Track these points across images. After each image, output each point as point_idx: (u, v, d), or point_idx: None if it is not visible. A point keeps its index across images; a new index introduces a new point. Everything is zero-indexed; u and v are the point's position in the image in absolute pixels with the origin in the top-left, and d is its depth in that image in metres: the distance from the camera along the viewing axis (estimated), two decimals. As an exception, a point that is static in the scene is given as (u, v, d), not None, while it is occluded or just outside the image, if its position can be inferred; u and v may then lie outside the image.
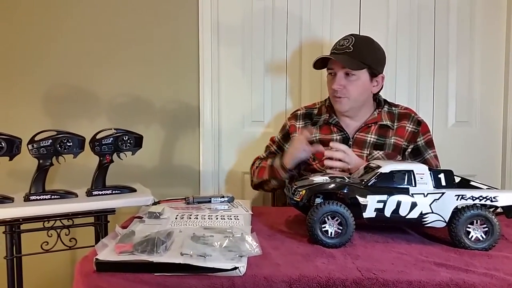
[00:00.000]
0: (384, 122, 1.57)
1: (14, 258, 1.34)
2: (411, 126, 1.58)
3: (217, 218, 1.19)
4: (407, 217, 1.03)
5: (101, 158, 1.41)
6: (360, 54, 1.50)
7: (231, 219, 1.19)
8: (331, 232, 1.02)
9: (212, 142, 2.02)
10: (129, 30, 1.98)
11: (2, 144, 1.25)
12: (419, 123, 1.59)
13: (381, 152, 1.55)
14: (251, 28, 2.01)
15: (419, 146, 1.57)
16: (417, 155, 1.57)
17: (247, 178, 2.06)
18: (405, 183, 1.04)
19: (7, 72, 1.97)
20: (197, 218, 1.18)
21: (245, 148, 2.05)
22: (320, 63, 1.57)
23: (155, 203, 1.35)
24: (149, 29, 1.99)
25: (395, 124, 1.58)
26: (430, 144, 1.59)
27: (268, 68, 2.03)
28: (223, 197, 1.38)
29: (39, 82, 1.98)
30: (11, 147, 1.27)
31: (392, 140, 1.56)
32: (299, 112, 1.71)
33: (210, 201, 1.36)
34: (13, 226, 1.30)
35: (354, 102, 1.54)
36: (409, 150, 1.57)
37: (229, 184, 2.07)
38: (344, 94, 1.52)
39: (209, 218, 1.19)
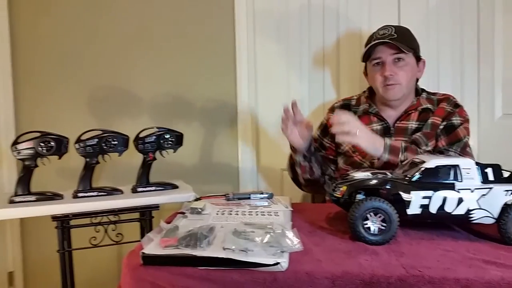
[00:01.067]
0: (424, 106, 1.54)
1: (65, 252, 1.40)
2: (449, 107, 1.53)
3: (257, 214, 1.20)
4: (453, 213, 1.00)
5: (145, 156, 1.45)
6: (405, 39, 1.49)
7: (271, 215, 1.19)
8: (374, 229, 1.00)
9: (251, 139, 2.03)
10: (168, 31, 2.03)
11: (51, 144, 1.31)
12: (457, 105, 1.54)
13: (419, 133, 1.51)
14: (287, 24, 2.00)
15: (453, 124, 1.50)
16: (449, 131, 1.50)
17: (285, 175, 2.05)
18: (451, 178, 1.01)
19: (55, 75, 2.06)
20: (237, 214, 1.19)
21: (283, 144, 2.04)
22: (362, 56, 1.55)
23: (196, 199, 1.37)
24: (187, 29, 2.02)
25: (435, 107, 1.55)
26: (466, 128, 1.51)
27: (305, 63, 2.01)
28: (262, 193, 1.38)
29: (85, 84, 2.06)
30: (59, 146, 1.33)
31: (431, 120, 1.52)
32: (336, 104, 1.71)
33: (249, 198, 1.37)
34: (64, 222, 1.36)
35: (405, 88, 1.52)
36: (441, 127, 1.50)
37: (268, 181, 2.07)
38: (396, 80, 1.50)
39: (249, 214, 1.19)
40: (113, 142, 1.39)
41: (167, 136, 1.46)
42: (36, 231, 2.08)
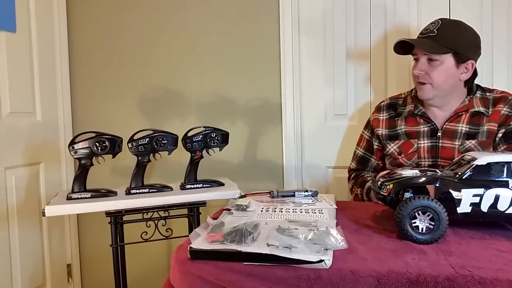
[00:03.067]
0: (476, 109, 1.45)
1: (118, 246, 1.47)
2: (506, 109, 1.43)
3: (301, 212, 1.20)
4: (506, 212, 0.95)
5: (192, 154, 1.49)
6: (444, 38, 1.40)
7: (315, 213, 1.19)
8: (422, 228, 0.97)
9: (295, 137, 2.03)
10: (214, 33, 2.07)
11: (106, 144, 1.38)
12: None
13: (474, 141, 1.43)
14: (332, 20, 1.98)
15: None
16: (509, 139, 1.42)
17: (330, 173, 2.04)
18: (504, 175, 0.97)
19: (109, 78, 2.17)
20: (281, 211, 1.20)
21: (328, 142, 2.03)
22: (406, 49, 1.50)
23: (241, 196, 1.39)
24: (231, 29, 2.05)
25: (490, 109, 1.45)
26: None
27: (351, 60, 1.98)
28: (307, 191, 1.38)
29: (136, 85, 2.15)
30: (113, 146, 1.39)
31: (486, 127, 1.43)
32: (383, 103, 1.66)
33: (294, 195, 1.37)
34: (117, 217, 1.42)
35: (438, 89, 1.44)
36: (500, 134, 1.42)
37: (313, 179, 2.07)
38: (427, 80, 1.43)
39: (293, 212, 1.20)
40: (163, 141, 1.44)
41: (214, 135, 1.49)
42: (91, 226, 2.21)
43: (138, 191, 1.44)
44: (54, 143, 2.11)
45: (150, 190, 1.45)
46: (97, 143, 1.37)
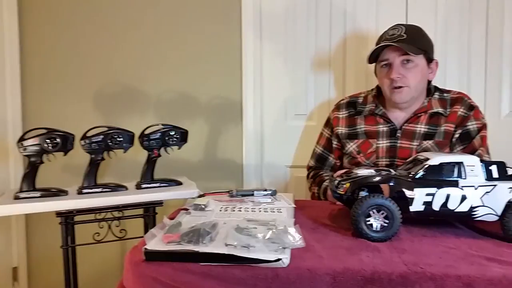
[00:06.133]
0: (435, 110, 1.50)
1: (69, 248, 1.41)
2: (462, 110, 1.49)
3: (260, 211, 1.20)
4: (456, 210, 0.99)
5: (150, 153, 1.46)
6: (414, 40, 1.44)
7: (274, 211, 1.19)
8: (377, 226, 1.00)
9: (255, 136, 2.04)
10: (173, 27, 2.03)
11: (57, 140, 1.32)
12: (472, 107, 1.50)
13: (431, 142, 1.48)
14: (294, 21, 2.00)
15: (469, 131, 1.47)
16: (464, 140, 1.48)
17: (290, 172, 2.06)
18: (455, 175, 1.00)
19: (61, 72, 2.07)
20: (240, 211, 1.20)
21: (288, 141, 2.05)
22: (369, 57, 1.50)
23: (200, 196, 1.38)
24: (193, 26, 2.02)
25: (448, 110, 1.50)
26: (482, 136, 1.48)
27: (311, 61, 2.01)
28: (266, 190, 1.38)
29: (91, 81, 2.07)
30: (65, 142, 1.33)
31: (443, 128, 1.48)
32: (342, 101, 1.67)
33: (253, 194, 1.37)
34: (68, 218, 1.37)
35: (414, 91, 1.47)
36: (457, 135, 1.48)
37: (272, 178, 2.07)
38: (404, 83, 1.45)
39: (252, 211, 1.20)
40: (118, 139, 1.40)
41: (172, 133, 1.47)
42: (40, 227, 2.10)
43: (90, 190, 1.39)
44: (1, 140, 1.99)
45: (104, 190, 1.40)
46: (47, 140, 1.31)
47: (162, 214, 1.28)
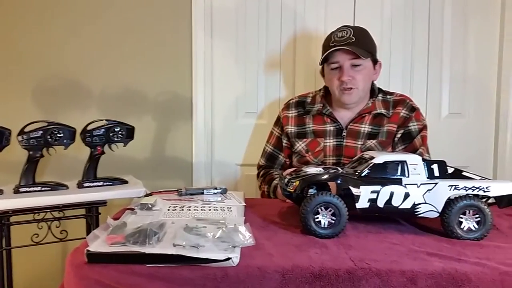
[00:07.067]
0: (378, 111, 1.55)
1: (4, 251, 1.33)
2: (404, 111, 1.56)
3: (210, 210, 1.18)
4: (400, 207, 1.03)
5: (92, 150, 1.40)
6: (363, 43, 1.49)
7: (224, 210, 1.18)
8: (324, 223, 1.02)
9: (205, 134, 2.01)
10: (121, 20, 1.96)
11: (-10, 136, 1.23)
12: (413, 109, 1.57)
13: (374, 141, 1.53)
14: (245, 19, 2.00)
15: (411, 131, 1.54)
16: (406, 139, 1.55)
17: (240, 170, 2.06)
18: (399, 173, 1.04)
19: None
20: (189, 210, 1.18)
21: (238, 139, 2.04)
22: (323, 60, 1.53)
23: (147, 195, 1.34)
24: (141, 19, 1.96)
25: (390, 111, 1.56)
26: (423, 136, 1.56)
27: (262, 59, 2.01)
28: (216, 188, 1.37)
29: (30, 73, 1.96)
30: (0, 138, 1.25)
31: (386, 128, 1.54)
32: (291, 101, 1.70)
33: (203, 193, 1.35)
34: (2, 219, 1.29)
35: (362, 92, 1.52)
36: (399, 135, 1.55)
37: (222, 176, 2.06)
38: (354, 84, 1.49)
39: (201, 210, 1.18)
40: (58, 135, 1.33)
41: (117, 129, 1.41)
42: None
43: (28, 189, 1.31)
44: None
45: (43, 189, 1.33)
46: (-20, 135, 1.22)
47: (106, 214, 1.22)
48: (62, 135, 1.33)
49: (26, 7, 1.93)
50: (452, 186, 1.02)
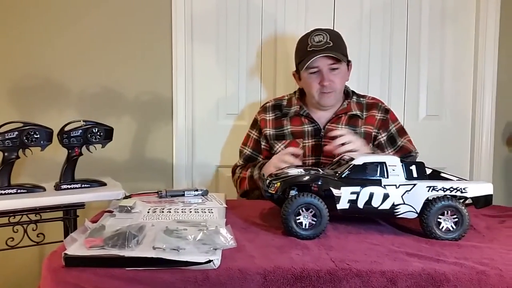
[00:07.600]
0: (354, 112, 1.60)
1: (-22, 255, 1.29)
2: (379, 114, 1.62)
3: (190, 212, 1.17)
4: (379, 208, 1.04)
5: (70, 151, 1.37)
6: (339, 47, 1.54)
7: (205, 212, 1.18)
8: (306, 224, 1.02)
9: (186, 135, 2.00)
10: (100, 20, 1.93)
11: (-37, 137, 1.20)
12: (387, 111, 1.64)
13: None
14: (226, 21, 2.00)
15: (392, 134, 1.63)
16: (393, 142, 1.63)
17: (221, 172, 2.05)
18: (378, 174, 1.05)
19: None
20: (170, 212, 1.16)
21: (219, 141, 2.03)
22: (300, 63, 1.55)
23: (126, 197, 1.32)
24: (121, 19, 1.94)
25: (364, 113, 1.62)
26: (401, 131, 1.65)
27: (243, 61, 2.02)
28: (197, 190, 1.36)
29: (5, 73, 1.91)
30: (-27, 139, 1.22)
31: (363, 129, 1.59)
32: (268, 104, 1.71)
33: (183, 195, 1.34)
34: (-24, 222, 1.25)
35: (339, 94, 1.58)
36: (385, 138, 1.62)
37: (203, 178, 2.05)
38: (333, 88, 1.53)
39: (182, 212, 1.17)
40: (35, 136, 1.30)
41: (95, 130, 1.38)
42: None
43: (3, 191, 1.28)
44: None
45: (18, 191, 1.29)
46: (-48, 136, 1.18)
47: (84, 217, 1.20)
48: (38, 136, 1.30)
49: (3, 6, 1.88)
50: (430, 187, 1.04)
